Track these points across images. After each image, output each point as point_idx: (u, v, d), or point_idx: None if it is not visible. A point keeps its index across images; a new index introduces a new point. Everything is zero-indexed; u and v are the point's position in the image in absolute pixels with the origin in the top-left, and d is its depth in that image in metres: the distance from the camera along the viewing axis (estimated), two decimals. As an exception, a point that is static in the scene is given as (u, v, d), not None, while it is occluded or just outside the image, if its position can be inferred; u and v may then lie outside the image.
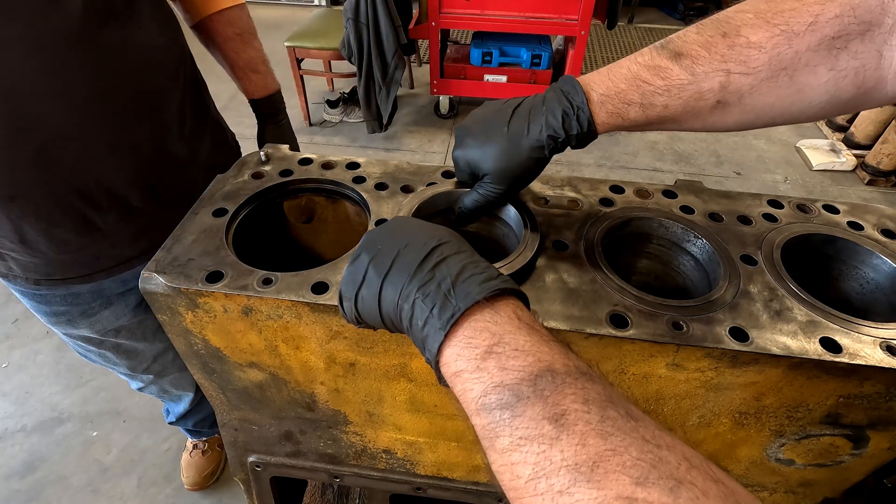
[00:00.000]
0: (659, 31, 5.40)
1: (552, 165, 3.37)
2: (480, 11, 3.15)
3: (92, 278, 1.01)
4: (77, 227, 0.90)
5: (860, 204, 0.74)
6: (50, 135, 0.78)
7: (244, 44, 1.07)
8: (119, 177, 0.89)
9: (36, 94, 0.74)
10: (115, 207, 0.92)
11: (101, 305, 1.07)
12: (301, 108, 3.69)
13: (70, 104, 0.78)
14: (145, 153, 0.91)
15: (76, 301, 1.04)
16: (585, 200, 0.73)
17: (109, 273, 1.01)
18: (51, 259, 0.94)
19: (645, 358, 0.57)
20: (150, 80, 0.89)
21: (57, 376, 2.14)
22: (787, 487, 0.73)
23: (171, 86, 0.94)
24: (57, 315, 1.06)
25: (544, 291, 0.60)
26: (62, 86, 0.76)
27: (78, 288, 1.02)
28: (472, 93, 3.60)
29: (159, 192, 0.96)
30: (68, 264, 0.97)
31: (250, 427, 0.83)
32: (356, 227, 0.81)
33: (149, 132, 0.91)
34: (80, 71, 0.77)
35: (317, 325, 0.60)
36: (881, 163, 3.17)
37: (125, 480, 1.82)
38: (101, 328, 1.11)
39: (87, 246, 0.95)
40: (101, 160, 0.85)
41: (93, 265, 0.99)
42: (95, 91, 0.80)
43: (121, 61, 0.82)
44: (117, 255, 1.00)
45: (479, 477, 0.83)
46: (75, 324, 1.08)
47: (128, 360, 1.25)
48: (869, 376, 0.54)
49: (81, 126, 0.80)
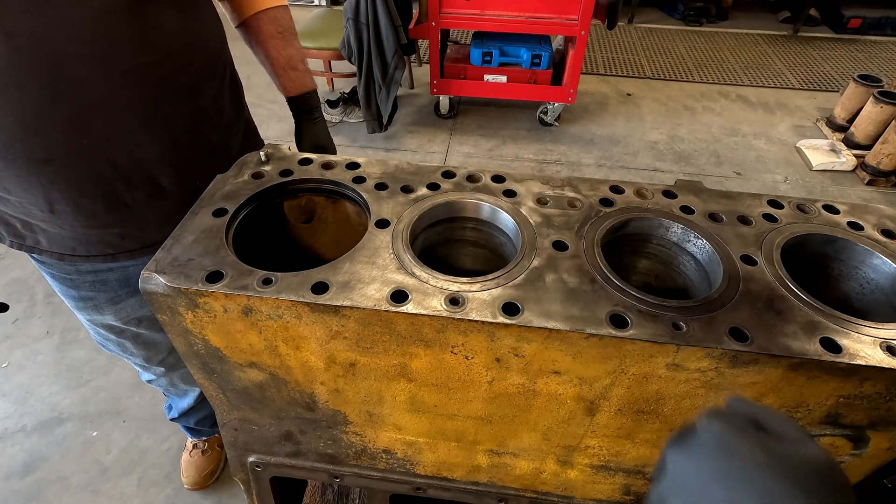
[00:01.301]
0: (659, 31, 5.40)
1: (552, 165, 3.37)
2: (480, 11, 3.15)
3: (116, 258, 1.03)
4: (106, 199, 0.93)
5: (860, 204, 0.74)
6: (88, 100, 0.81)
7: (285, 42, 1.10)
8: (150, 151, 0.92)
9: (80, 59, 0.78)
10: (144, 184, 0.94)
11: (128, 294, 1.11)
12: (301, 108, 3.68)
13: (110, 73, 0.81)
14: (178, 132, 0.94)
15: (104, 288, 1.08)
16: (585, 200, 0.73)
17: (132, 255, 1.04)
18: (78, 233, 0.96)
19: (645, 358, 0.57)
20: (189, 63, 0.92)
21: (57, 376, 2.14)
22: (787, 487, 0.72)
23: (210, 73, 0.98)
24: (84, 300, 1.10)
25: (544, 291, 0.60)
26: (105, 54, 0.79)
27: (106, 275, 1.05)
28: (472, 93, 3.60)
29: (189, 175, 0.98)
30: (94, 241, 0.99)
31: (250, 427, 0.83)
32: (356, 227, 0.81)
33: (184, 112, 0.94)
34: (125, 42, 0.81)
35: (317, 325, 0.60)
36: (881, 163, 3.17)
37: (125, 480, 1.82)
38: (125, 316, 1.15)
39: (113, 223, 0.97)
40: (134, 132, 0.88)
41: (117, 245, 1.01)
42: (136, 63, 0.83)
43: (165, 39, 0.86)
44: (142, 238, 1.02)
45: (478, 477, 0.83)
46: (101, 310, 1.12)
47: (145, 350, 1.29)
48: (869, 376, 0.54)
49: (119, 95, 0.83)
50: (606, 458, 0.73)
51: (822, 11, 5.57)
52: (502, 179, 0.77)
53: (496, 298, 0.58)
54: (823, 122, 3.80)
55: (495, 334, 0.57)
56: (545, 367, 0.60)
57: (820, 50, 5.04)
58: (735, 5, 5.83)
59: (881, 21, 5.30)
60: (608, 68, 4.63)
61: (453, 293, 0.59)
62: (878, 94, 3.23)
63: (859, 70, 4.58)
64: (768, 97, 4.22)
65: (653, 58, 4.83)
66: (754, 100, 4.19)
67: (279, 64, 1.11)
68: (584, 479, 0.78)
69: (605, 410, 0.65)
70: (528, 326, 0.55)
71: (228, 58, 1.08)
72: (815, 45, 5.14)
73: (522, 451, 0.75)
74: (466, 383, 0.64)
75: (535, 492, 0.83)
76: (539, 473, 0.79)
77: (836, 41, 5.25)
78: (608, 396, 0.62)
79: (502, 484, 0.83)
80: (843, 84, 3.93)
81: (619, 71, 4.60)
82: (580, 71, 3.35)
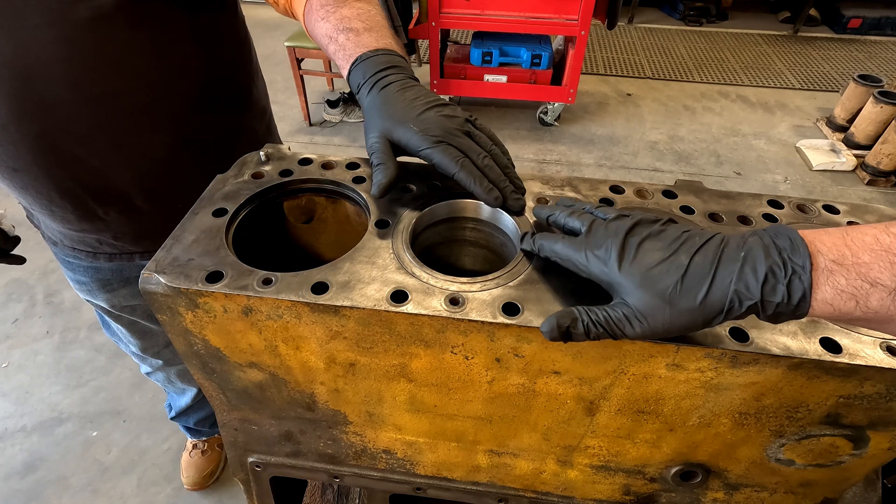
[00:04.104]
0: (659, 31, 5.40)
1: (552, 165, 3.37)
2: (480, 11, 3.15)
3: (97, 258, 1.04)
4: (77, 210, 0.91)
5: (860, 204, 0.74)
6: (55, 120, 0.79)
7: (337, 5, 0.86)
8: (121, 175, 0.89)
9: (49, 80, 0.75)
10: (116, 202, 0.92)
11: (120, 284, 1.11)
12: (301, 107, 3.69)
13: (79, 96, 0.78)
14: (157, 159, 0.91)
15: (97, 275, 1.09)
16: (585, 200, 0.73)
17: (111, 258, 1.04)
18: (59, 229, 0.97)
19: (645, 358, 0.57)
20: (176, 93, 0.87)
21: (57, 376, 2.14)
22: (787, 487, 0.73)
23: (207, 104, 0.92)
24: (79, 283, 1.12)
25: (544, 291, 0.60)
26: (73, 77, 0.77)
27: (100, 263, 1.06)
28: (472, 93, 3.60)
29: (164, 198, 0.96)
30: (75, 239, 1.00)
31: (250, 427, 0.83)
32: (356, 227, 0.81)
33: (167, 142, 0.90)
34: (97, 67, 0.78)
35: (317, 325, 0.60)
36: (881, 163, 3.18)
37: (125, 480, 1.82)
38: (118, 303, 1.16)
39: (88, 230, 0.96)
40: (103, 155, 0.85)
41: (96, 247, 1.02)
42: (107, 89, 0.80)
43: (147, 66, 0.82)
44: (119, 247, 1.01)
45: (478, 477, 0.83)
46: (94, 294, 1.14)
47: (141, 340, 1.30)
48: (869, 376, 0.54)
49: (87, 118, 0.80)
50: (606, 458, 0.73)
51: (822, 11, 5.57)
52: (502, 179, 0.77)
53: (496, 298, 0.58)
54: (823, 122, 3.80)
55: (495, 334, 0.57)
56: (545, 368, 0.60)
57: (820, 50, 5.04)
58: (735, 5, 5.83)
59: (881, 21, 5.31)
60: (608, 68, 4.63)
61: (453, 293, 0.59)
62: (878, 94, 3.23)
63: (859, 70, 4.58)
64: (768, 97, 4.22)
65: (653, 58, 4.83)
66: (754, 100, 4.19)
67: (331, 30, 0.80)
68: (584, 479, 0.78)
69: (605, 410, 0.65)
70: (528, 326, 0.55)
71: (249, 90, 1.00)
72: (815, 45, 5.14)
73: (522, 452, 0.75)
74: (466, 383, 0.65)
75: (535, 492, 0.83)
76: (539, 473, 0.79)
77: (835, 41, 5.25)
78: (608, 396, 0.63)
79: (502, 484, 0.83)
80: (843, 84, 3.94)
81: (619, 71, 4.60)
82: (580, 71, 3.36)
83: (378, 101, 0.68)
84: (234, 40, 0.97)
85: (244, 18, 1.02)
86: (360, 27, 0.75)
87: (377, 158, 0.67)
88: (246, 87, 1.04)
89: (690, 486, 0.73)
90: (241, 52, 1.00)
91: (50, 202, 0.89)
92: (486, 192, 0.65)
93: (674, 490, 0.76)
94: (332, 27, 0.76)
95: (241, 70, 1.01)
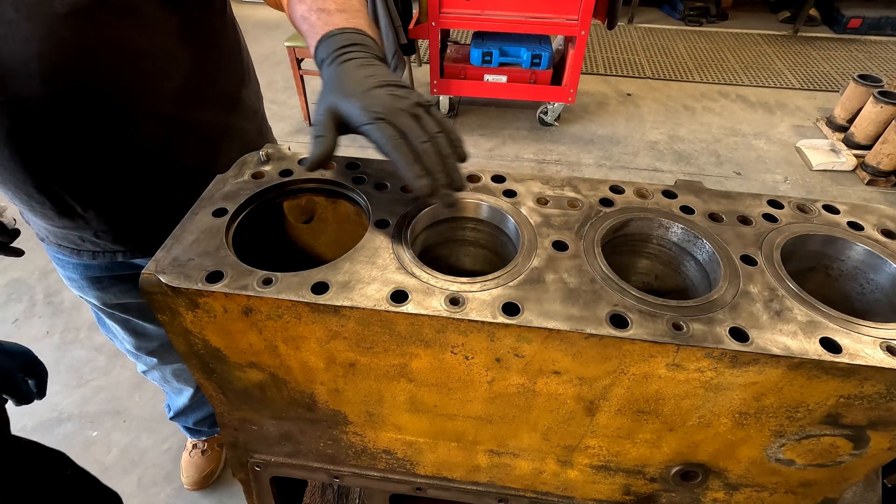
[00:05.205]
0: (659, 31, 5.40)
1: (552, 165, 3.37)
2: (480, 11, 3.15)
3: (80, 255, 1.02)
4: (56, 207, 0.90)
5: (860, 204, 0.74)
6: (27, 117, 0.78)
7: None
8: (99, 174, 0.88)
9: (27, 75, 0.74)
10: (95, 203, 0.91)
11: (111, 281, 1.11)
12: (301, 107, 3.69)
13: (55, 92, 0.77)
14: (131, 157, 0.89)
15: (86, 272, 1.08)
16: (585, 200, 0.73)
17: (94, 256, 1.02)
18: (42, 224, 0.97)
19: (645, 358, 0.57)
20: (146, 86, 0.85)
21: (57, 376, 2.14)
22: (787, 487, 0.73)
23: (170, 99, 0.90)
24: (70, 280, 1.12)
25: (544, 291, 0.60)
26: (48, 74, 0.75)
27: (86, 260, 1.05)
28: (472, 93, 3.60)
29: (145, 198, 0.94)
30: (59, 235, 0.99)
31: (250, 427, 0.83)
32: (356, 227, 0.81)
33: (137, 137, 0.88)
34: (73, 62, 0.76)
35: (316, 325, 0.60)
36: (881, 163, 3.18)
37: (125, 480, 1.82)
38: (109, 301, 1.16)
39: (69, 227, 0.95)
40: (79, 154, 0.84)
41: (79, 244, 1.00)
42: (82, 87, 0.79)
43: (118, 61, 0.81)
44: (102, 245, 1.00)
45: (478, 477, 0.83)
46: (85, 291, 1.13)
47: (134, 338, 1.29)
48: (869, 376, 0.54)
49: (64, 116, 0.79)
50: (606, 458, 0.73)
51: (822, 11, 5.57)
52: (502, 179, 0.77)
53: (496, 298, 0.58)
54: (823, 122, 3.80)
55: (495, 334, 0.57)
56: (545, 368, 0.60)
57: (820, 50, 5.04)
58: (735, 5, 5.83)
59: (881, 21, 5.31)
60: (608, 68, 4.63)
61: (453, 293, 0.59)
62: (878, 94, 3.23)
63: (859, 70, 4.58)
64: (768, 97, 4.22)
65: (653, 58, 4.83)
66: (754, 100, 4.19)
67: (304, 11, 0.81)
68: (584, 479, 0.78)
69: (605, 410, 0.65)
70: (528, 326, 0.55)
71: (238, 91, 0.99)
72: (815, 45, 5.14)
73: (522, 451, 0.75)
74: (466, 383, 0.65)
75: (535, 492, 0.83)
76: (539, 473, 0.79)
77: (835, 41, 5.25)
78: (608, 396, 0.63)
79: (502, 484, 0.83)
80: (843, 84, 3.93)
81: (619, 71, 4.60)
82: (580, 71, 3.36)
83: (333, 76, 0.68)
84: (221, 41, 0.96)
85: (235, 20, 1.01)
86: (332, 8, 0.76)
87: (316, 130, 0.67)
88: (234, 89, 1.02)
89: (690, 486, 0.73)
90: (230, 53, 0.99)
91: (29, 197, 0.88)
92: (415, 178, 0.61)
93: (674, 490, 0.76)
94: (307, 8, 0.78)
95: (229, 71, 0.99)
